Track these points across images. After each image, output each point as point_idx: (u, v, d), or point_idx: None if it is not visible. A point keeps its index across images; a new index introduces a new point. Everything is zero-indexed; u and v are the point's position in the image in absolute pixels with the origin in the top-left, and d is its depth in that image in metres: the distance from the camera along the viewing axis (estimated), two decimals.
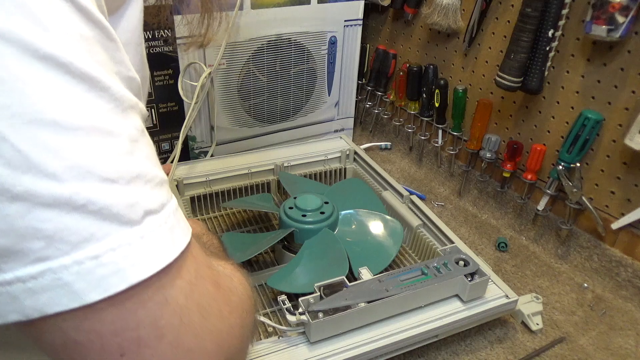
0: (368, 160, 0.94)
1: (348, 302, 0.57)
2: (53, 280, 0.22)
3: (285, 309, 0.57)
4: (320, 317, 0.55)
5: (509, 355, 0.65)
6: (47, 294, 0.22)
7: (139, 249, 0.24)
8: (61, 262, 0.22)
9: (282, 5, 0.94)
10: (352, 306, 0.57)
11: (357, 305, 0.57)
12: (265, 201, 0.85)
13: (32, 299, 0.22)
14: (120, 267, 0.23)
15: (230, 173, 0.89)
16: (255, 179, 0.90)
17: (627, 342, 0.68)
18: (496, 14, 0.88)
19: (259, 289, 0.71)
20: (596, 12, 0.68)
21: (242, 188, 0.89)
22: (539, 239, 0.87)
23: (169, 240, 0.26)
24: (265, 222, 0.87)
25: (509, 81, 0.79)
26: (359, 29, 1.07)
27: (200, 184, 0.87)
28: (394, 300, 0.59)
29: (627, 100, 0.71)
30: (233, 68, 0.95)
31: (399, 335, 0.59)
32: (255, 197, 0.89)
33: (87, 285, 0.22)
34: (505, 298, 0.65)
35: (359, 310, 0.57)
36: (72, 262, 0.22)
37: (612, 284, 0.77)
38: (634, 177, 0.73)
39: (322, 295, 0.57)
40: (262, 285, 0.71)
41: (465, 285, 0.62)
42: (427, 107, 1.03)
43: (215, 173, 0.88)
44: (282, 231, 0.73)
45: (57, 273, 0.22)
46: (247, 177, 0.90)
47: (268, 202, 0.84)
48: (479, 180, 0.97)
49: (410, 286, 0.60)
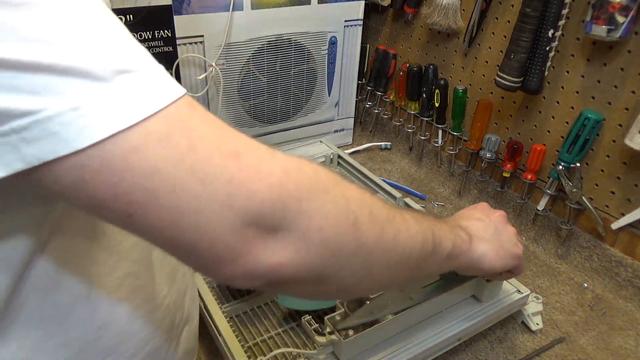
0: (354, 164, 0.92)
1: (375, 315, 0.55)
2: (41, 130, 0.24)
3: (313, 329, 0.54)
4: (350, 335, 0.53)
5: (509, 355, 0.65)
6: (40, 143, 0.25)
7: (115, 101, 0.26)
8: (45, 114, 0.24)
9: (282, 5, 0.94)
10: (380, 319, 0.55)
11: (385, 318, 0.55)
12: None
13: (29, 147, 0.25)
14: (99, 118, 0.25)
15: None
16: None
17: (627, 342, 0.68)
18: (496, 14, 0.88)
19: (265, 307, 0.69)
20: (596, 12, 0.67)
21: None
22: (539, 239, 0.87)
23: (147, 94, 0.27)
24: None
25: (509, 81, 0.79)
26: (359, 29, 1.07)
27: None
28: (418, 308, 0.58)
29: (627, 100, 0.71)
30: (233, 68, 0.95)
31: (425, 343, 0.58)
32: None
33: (73, 134, 0.25)
34: (518, 293, 0.65)
35: (387, 322, 0.55)
36: (55, 113, 0.24)
37: (612, 284, 0.77)
38: (634, 177, 0.73)
39: (347, 310, 0.55)
40: (267, 304, 0.70)
41: (483, 285, 0.62)
42: (427, 107, 1.03)
43: None
44: None
45: (44, 124, 0.24)
46: None
47: None
48: (479, 180, 0.97)
49: (432, 292, 0.59)
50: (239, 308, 0.68)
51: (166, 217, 0.27)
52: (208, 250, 0.28)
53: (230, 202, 0.28)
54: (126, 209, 0.27)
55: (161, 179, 0.27)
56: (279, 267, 0.30)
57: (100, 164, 0.26)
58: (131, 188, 0.26)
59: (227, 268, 0.29)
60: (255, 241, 0.29)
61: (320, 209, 0.31)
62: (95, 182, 0.26)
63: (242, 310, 0.69)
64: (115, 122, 0.25)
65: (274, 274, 0.30)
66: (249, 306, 0.69)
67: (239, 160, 0.29)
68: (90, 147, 0.25)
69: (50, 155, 0.25)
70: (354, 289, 0.37)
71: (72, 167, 0.25)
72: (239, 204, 0.28)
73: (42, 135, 0.25)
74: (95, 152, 0.25)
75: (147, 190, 0.26)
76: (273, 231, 0.29)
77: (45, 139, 0.25)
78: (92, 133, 0.25)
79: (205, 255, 0.29)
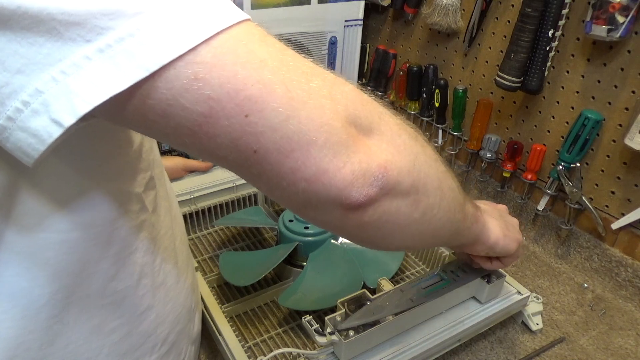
0: None
1: (376, 316, 0.55)
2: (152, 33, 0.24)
3: (314, 330, 0.54)
4: (351, 336, 0.53)
5: (509, 355, 0.65)
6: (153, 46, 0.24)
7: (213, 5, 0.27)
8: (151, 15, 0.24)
9: (282, 5, 0.94)
10: (381, 320, 0.55)
11: (386, 318, 0.55)
12: (257, 215, 0.82)
13: (144, 51, 0.24)
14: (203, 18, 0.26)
15: (215, 188, 0.85)
16: (240, 192, 0.87)
17: (627, 342, 0.68)
18: (496, 14, 0.88)
19: (265, 307, 0.70)
20: (596, 12, 0.67)
21: (229, 202, 0.86)
22: (539, 239, 0.87)
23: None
24: (257, 236, 0.85)
25: (509, 81, 0.79)
26: (359, 29, 1.07)
27: (184, 202, 0.83)
28: (419, 309, 0.58)
29: (627, 100, 0.71)
30: None
31: (425, 344, 0.58)
32: (245, 211, 0.86)
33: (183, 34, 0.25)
34: (518, 295, 0.65)
35: (387, 323, 0.56)
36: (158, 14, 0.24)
37: (612, 284, 0.77)
38: (634, 177, 0.73)
39: (347, 311, 0.55)
40: (267, 304, 0.70)
41: (484, 287, 0.62)
42: (427, 107, 1.03)
43: (199, 189, 0.85)
44: (286, 246, 0.70)
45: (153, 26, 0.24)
46: (233, 191, 0.87)
47: (260, 215, 0.82)
48: (479, 180, 0.97)
49: (433, 293, 0.59)
50: (239, 308, 0.68)
51: (284, 108, 0.27)
52: (324, 145, 0.28)
53: (333, 97, 0.29)
54: (242, 109, 0.26)
55: (270, 72, 0.27)
56: (386, 165, 0.31)
57: (213, 59, 0.25)
58: (246, 82, 0.26)
59: (345, 166, 0.29)
60: (360, 140, 0.30)
61: (392, 126, 0.33)
62: (210, 78, 0.25)
63: (242, 310, 0.69)
64: (220, 20, 0.26)
65: (385, 172, 0.31)
66: (249, 306, 0.69)
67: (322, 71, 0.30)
68: (201, 44, 0.25)
69: (166, 58, 0.24)
70: (432, 220, 0.38)
71: (187, 66, 0.25)
72: (338, 99, 0.29)
73: (154, 38, 0.24)
74: (206, 49, 0.25)
75: (261, 82, 0.26)
76: (369, 133, 0.31)
77: (158, 43, 0.24)
78: (201, 31, 0.25)
79: (322, 151, 0.28)
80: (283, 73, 0.27)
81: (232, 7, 0.28)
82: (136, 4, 0.24)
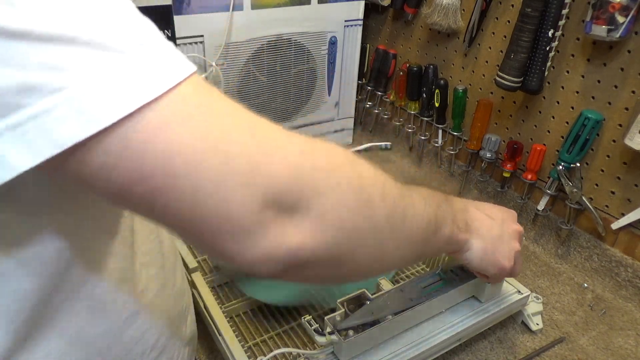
0: None
1: (376, 316, 0.55)
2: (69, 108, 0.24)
3: (313, 329, 0.54)
4: (351, 335, 0.53)
5: (509, 355, 0.65)
6: (69, 122, 0.24)
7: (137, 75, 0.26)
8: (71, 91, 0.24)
9: (282, 5, 0.94)
10: (381, 320, 0.55)
11: (385, 318, 0.55)
12: None
13: (62, 126, 0.24)
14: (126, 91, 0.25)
15: None
16: None
17: (627, 342, 0.68)
18: (496, 14, 0.88)
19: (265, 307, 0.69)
20: (596, 12, 0.67)
21: None
22: (539, 239, 0.87)
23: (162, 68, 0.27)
24: None
25: (509, 81, 0.79)
26: (359, 29, 1.07)
27: None
28: (419, 308, 0.58)
29: (627, 100, 0.71)
30: (233, 68, 0.95)
31: (425, 343, 0.58)
32: None
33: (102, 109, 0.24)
34: (518, 294, 0.65)
35: (387, 323, 0.55)
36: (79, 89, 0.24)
37: (612, 284, 0.77)
38: (634, 177, 0.73)
39: (347, 311, 0.55)
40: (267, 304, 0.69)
41: (484, 286, 0.62)
42: (427, 107, 1.03)
43: None
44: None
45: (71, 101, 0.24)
46: None
47: None
48: (479, 180, 0.97)
49: (432, 293, 0.59)
50: (239, 308, 0.68)
51: (188, 198, 0.27)
52: (229, 232, 0.28)
53: (251, 181, 0.28)
54: (149, 198, 0.27)
55: (183, 162, 0.26)
56: (297, 248, 0.30)
57: (120, 143, 0.25)
58: (154, 172, 0.26)
59: (248, 251, 0.29)
60: (275, 223, 0.29)
61: (335, 189, 0.31)
62: (119, 163, 0.25)
63: (242, 310, 0.69)
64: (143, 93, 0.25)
65: (293, 256, 0.30)
66: (249, 306, 0.69)
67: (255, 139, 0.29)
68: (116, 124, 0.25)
69: (80, 135, 0.24)
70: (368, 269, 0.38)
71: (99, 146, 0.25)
72: (258, 182, 0.28)
73: (70, 113, 0.24)
74: (119, 130, 0.25)
75: (168, 175, 0.26)
76: (291, 212, 0.29)
77: (74, 118, 0.24)
78: (120, 106, 0.25)
79: (227, 238, 0.28)
80: (197, 162, 0.27)
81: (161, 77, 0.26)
82: (61, 79, 0.24)
